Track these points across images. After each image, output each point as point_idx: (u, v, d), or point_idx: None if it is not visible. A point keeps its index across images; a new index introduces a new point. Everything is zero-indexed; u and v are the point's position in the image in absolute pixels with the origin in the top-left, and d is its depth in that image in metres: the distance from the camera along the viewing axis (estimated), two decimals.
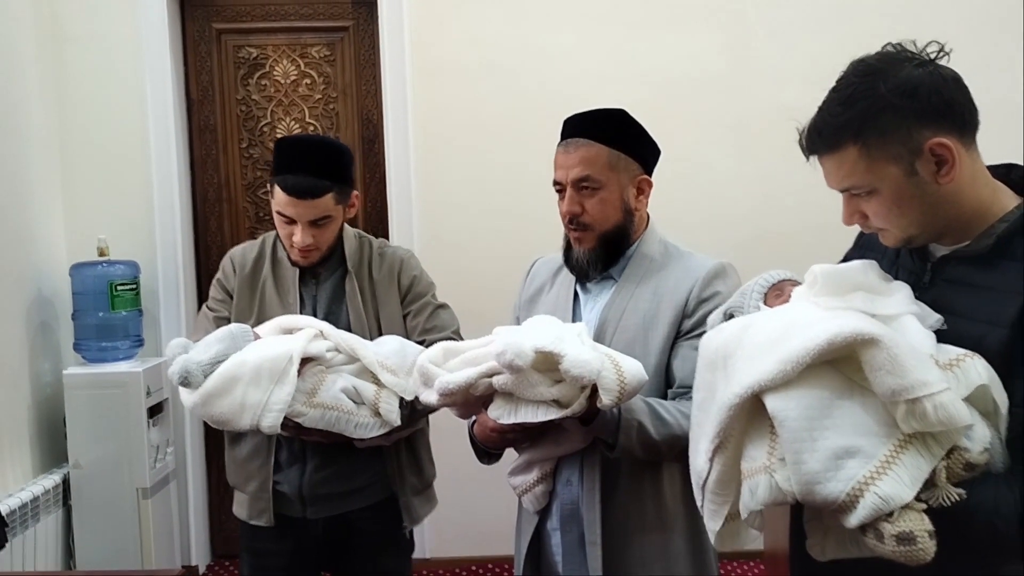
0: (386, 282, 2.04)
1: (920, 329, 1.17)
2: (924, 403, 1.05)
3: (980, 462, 1.10)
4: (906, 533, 1.04)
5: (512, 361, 1.37)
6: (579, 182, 1.65)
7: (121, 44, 3.35)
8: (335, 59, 3.54)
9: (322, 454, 1.96)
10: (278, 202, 1.91)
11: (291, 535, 2.02)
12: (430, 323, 2.02)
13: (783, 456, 1.11)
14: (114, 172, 3.38)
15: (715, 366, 1.26)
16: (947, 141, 1.16)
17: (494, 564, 3.49)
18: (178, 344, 1.83)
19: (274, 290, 2.02)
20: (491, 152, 3.43)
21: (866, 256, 1.33)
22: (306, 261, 1.98)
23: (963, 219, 1.22)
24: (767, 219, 3.35)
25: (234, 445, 2.05)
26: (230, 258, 2.09)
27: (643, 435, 1.54)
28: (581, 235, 1.69)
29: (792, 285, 1.37)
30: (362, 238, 2.09)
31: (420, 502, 2.08)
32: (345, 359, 1.87)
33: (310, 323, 1.89)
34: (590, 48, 3.40)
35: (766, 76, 3.34)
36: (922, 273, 1.29)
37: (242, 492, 2.05)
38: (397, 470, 2.03)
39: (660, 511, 1.64)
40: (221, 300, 2.06)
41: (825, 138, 1.22)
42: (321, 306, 2.01)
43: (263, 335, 1.88)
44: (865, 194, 1.23)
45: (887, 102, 1.16)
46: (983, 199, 1.22)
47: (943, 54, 1.20)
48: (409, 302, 2.04)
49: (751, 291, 1.42)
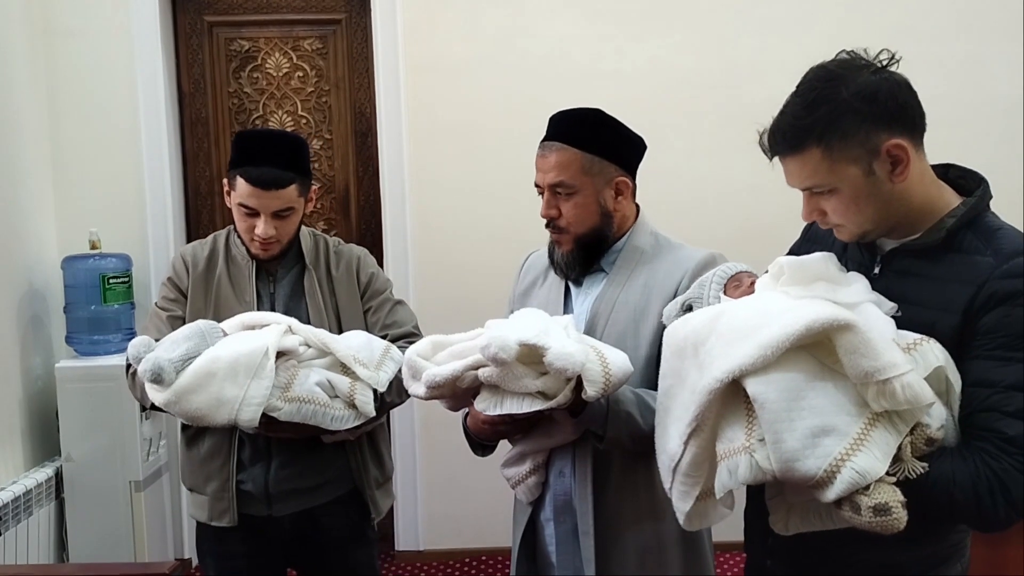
0: (344, 279, 2.06)
1: (880, 316, 1.25)
2: (894, 383, 1.13)
3: (938, 437, 1.19)
4: (882, 504, 1.12)
5: (496, 354, 1.39)
6: (554, 187, 1.68)
7: (112, 37, 3.35)
8: (328, 52, 3.54)
9: (287, 451, 1.97)
10: (240, 194, 1.92)
11: (254, 534, 2.01)
12: (390, 318, 2.06)
13: (762, 436, 1.18)
14: (106, 165, 3.38)
15: (684, 354, 1.32)
16: (903, 143, 1.25)
17: (488, 556, 3.50)
18: (141, 342, 1.79)
19: (229, 287, 2.02)
20: (484, 145, 3.44)
21: (813, 248, 1.42)
22: (266, 254, 1.98)
23: (912, 215, 1.31)
24: (752, 211, 3.35)
25: (192, 446, 2.04)
26: (181, 257, 2.08)
27: (632, 426, 1.55)
28: (559, 237, 1.72)
29: (749, 276, 1.44)
30: (316, 236, 2.11)
31: (382, 495, 2.11)
32: (315, 353, 1.87)
33: (275, 319, 1.89)
34: (582, 43, 3.40)
35: (752, 69, 3.34)
36: (871, 265, 1.37)
37: (201, 493, 2.03)
38: (361, 464, 2.04)
39: (653, 501, 1.65)
40: (173, 299, 2.04)
41: (788, 140, 1.30)
42: (280, 302, 2.02)
43: (229, 332, 1.87)
44: (826, 192, 1.30)
45: (848, 106, 1.24)
46: (930, 196, 1.31)
47: (894, 61, 1.29)
48: (369, 298, 2.07)
49: (709, 282, 1.48)
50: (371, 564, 2.14)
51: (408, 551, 3.55)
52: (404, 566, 3.50)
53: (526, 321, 1.51)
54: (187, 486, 2.07)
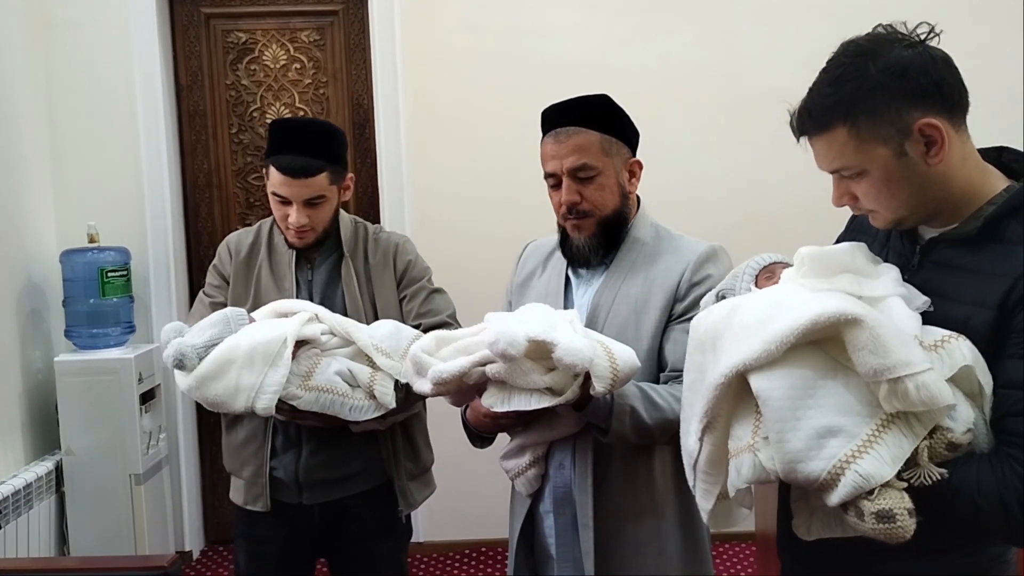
0: (381, 267, 2.04)
1: (905, 310, 1.18)
2: (906, 383, 1.06)
3: (963, 442, 1.11)
4: (885, 511, 1.06)
5: (505, 350, 1.38)
6: (575, 171, 1.64)
7: (109, 29, 3.34)
8: (325, 44, 3.53)
9: (317, 439, 1.97)
10: (273, 183, 1.92)
11: (286, 521, 2.02)
12: (425, 307, 2.03)
13: (767, 435, 1.13)
14: (104, 158, 3.37)
15: (704, 348, 1.27)
16: (936, 122, 1.16)
17: (487, 548, 3.51)
18: (173, 328, 1.84)
19: (270, 275, 2.03)
20: (482, 137, 3.43)
21: (857, 239, 1.33)
22: (301, 242, 1.98)
23: (953, 201, 1.22)
24: (756, 204, 3.36)
25: (230, 431, 2.06)
26: (226, 244, 2.10)
27: (636, 419, 1.55)
28: (580, 223, 1.68)
29: (783, 267, 1.37)
30: (357, 223, 2.10)
31: (416, 487, 2.08)
32: (340, 342, 1.87)
33: (305, 307, 1.89)
34: (581, 34, 3.39)
35: (755, 61, 3.34)
36: (911, 255, 1.29)
37: (238, 478, 2.06)
38: (392, 455, 2.03)
39: (652, 494, 1.65)
40: (217, 286, 2.06)
41: (815, 119, 1.22)
42: (317, 290, 2.02)
43: (259, 319, 1.89)
44: (855, 175, 1.22)
45: (876, 82, 1.16)
46: (973, 181, 1.21)
47: (933, 35, 1.20)
48: (405, 286, 2.05)
49: (743, 273, 1.43)
50: (397, 558, 2.12)
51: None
52: None
53: (533, 316, 1.50)
54: (228, 469, 2.10)
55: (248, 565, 2.08)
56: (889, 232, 1.32)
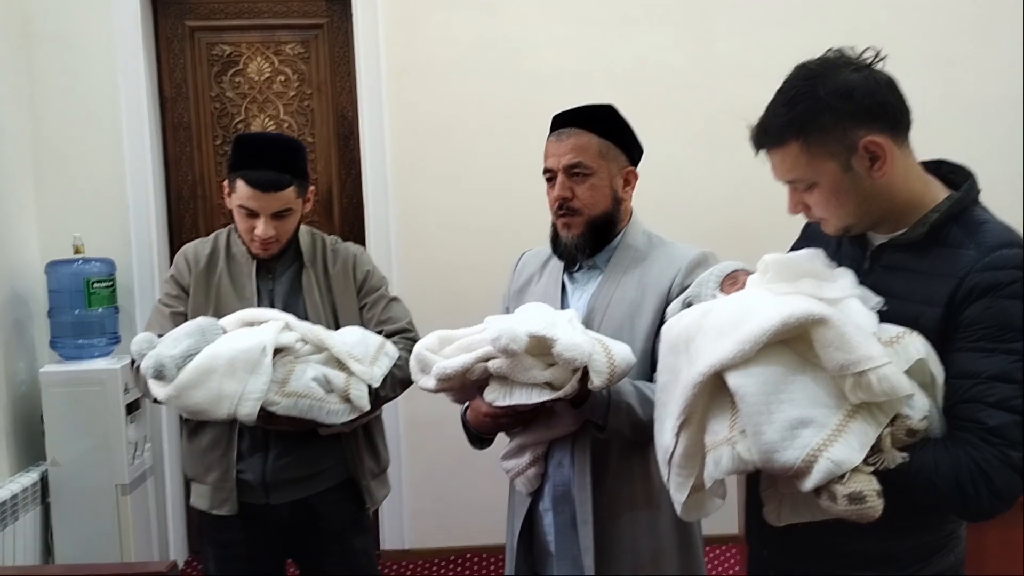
0: (341, 276, 2.12)
1: (863, 310, 1.28)
2: (869, 375, 1.15)
3: (921, 428, 1.22)
4: (856, 493, 1.15)
5: (507, 345, 1.45)
6: (571, 168, 1.73)
7: (93, 42, 3.35)
8: (309, 56, 3.56)
9: (285, 442, 2.03)
10: (240, 196, 1.99)
11: (254, 523, 2.07)
12: (385, 314, 2.12)
13: (744, 428, 1.22)
14: (88, 170, 3.38)
15: (678, 350, 1.36)
16: (880, 139, 1.28)
17: (473, 554, 3.53)
18: (144, 339, 1.88)
19: (230, 285, 2.08)
20: (466, 148, 3.47)
21: (812, 245, 1.44)
22: (266, 253, 2.05)
23: (897, 209, 1.33)
24: (735, 210, 3.42)
25: (193, 437, 2.09)
26: (183, 255, 2.15)
27: (631, 416, 1.62)
28: (570, 220, 1.76)
29: (745, 274, 1.47)
30: (314, 235, 2.18)
31: (377, 485, 2.17)
32: (312, 349, 1.94)
33: (273, 315, 1.95)
34: (563, 46, 3.45)
35: (734, 72, 3.41)
36: (862, 260, 1.40)
37: (202, 483, 2.08)
38: (356, 454, 2.11)
39: (648, 490, 1.72)
40: (176, 296, 2.10)
41: (771, 135, 1.34)
42: (279, 299, 2.08)
43: (228, 328, 1.94)
44: (807, 187, 1.35)
45: (825, 104, 1.28)
46: (915, 191, 1.33)
47: (879, 59, 1.32)
48: (364, 295, 2.14)
49: (707, 281, 1.52)
50: (367, 552, 2.20)
51: (394, 550, 3.57)
52: (390, 565, 3.53)
53: (533, 314, 1.58)
54: (189, 476, 2.13)
55: (219, 570, 2.12)
56: (840, 239, 1.44)
